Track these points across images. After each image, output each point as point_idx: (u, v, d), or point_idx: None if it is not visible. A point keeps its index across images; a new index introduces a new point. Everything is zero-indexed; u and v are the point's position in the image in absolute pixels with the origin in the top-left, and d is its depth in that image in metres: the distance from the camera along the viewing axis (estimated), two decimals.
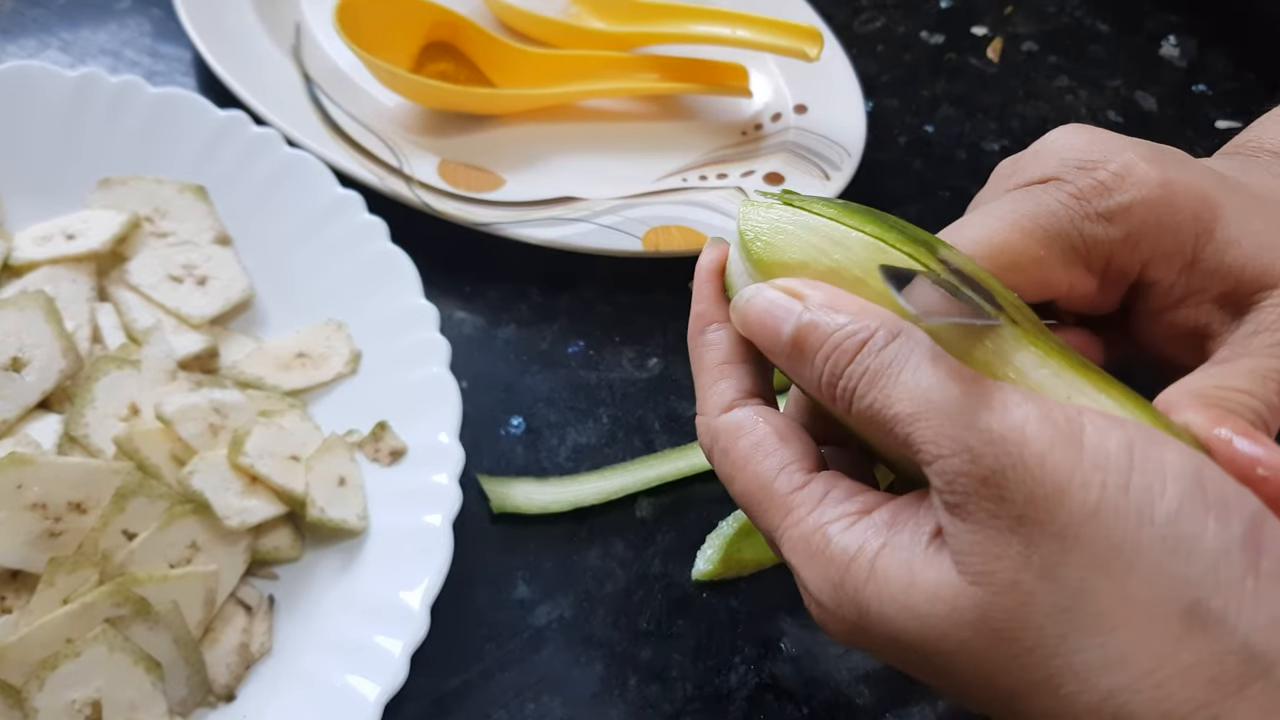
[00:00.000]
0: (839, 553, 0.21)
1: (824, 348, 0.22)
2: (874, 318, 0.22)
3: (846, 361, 0.22)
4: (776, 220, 0.24)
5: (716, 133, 0.51)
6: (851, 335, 0.22)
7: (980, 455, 0.19)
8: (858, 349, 0.21)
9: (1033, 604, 0.19)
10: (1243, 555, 0.19)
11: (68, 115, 0.38)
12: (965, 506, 0.20)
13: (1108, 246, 0.24)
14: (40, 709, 0.27)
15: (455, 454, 0.33)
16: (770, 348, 0.23)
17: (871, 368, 0.21)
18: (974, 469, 0.19)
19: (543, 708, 0.33)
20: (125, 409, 0.32)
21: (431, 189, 0.42)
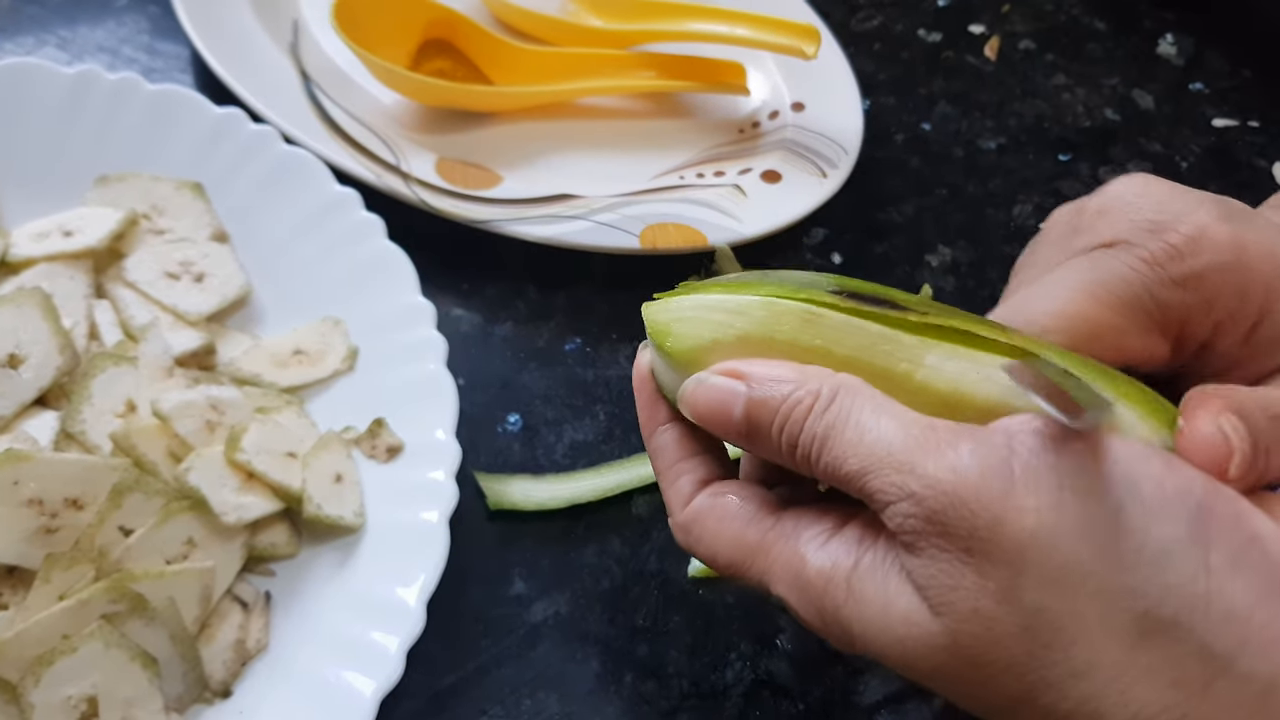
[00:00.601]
0: (816, 575, 0.22)
1: (776, 421, 0.23)
2: (813, 380, 0.23)
3: (798, 430, 0.23)
4: (677, 311, 0.25)
5: (714, 130, 0.51)
6: (797, 403, 0.23)
7: (922, 498, 0.20)
8: (805, 416, 0.22)
9: (996, 627, 0.20)
10: (1189, 555, 0.19)
11: (65, 112, 0.38)
12: (917, 545, 0.21)
13: (1183, 311, 0.24)
14: (36, 705, 0.27)
15: (452, 451, 0.33)
16: (725, 432, 0.24)
17: (819, 432, 0.22)
18: (919, 510, 0.21)
19: (539, 704, 0.33)
20: (122, 406, 0.32)
21: (429, 186, 0.42)
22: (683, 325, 0.24)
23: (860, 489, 0.22)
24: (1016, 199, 0.53)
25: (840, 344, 0.23)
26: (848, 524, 0.23)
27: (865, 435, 0.22)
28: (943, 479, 0.20)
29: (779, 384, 0.23)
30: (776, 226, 0.45)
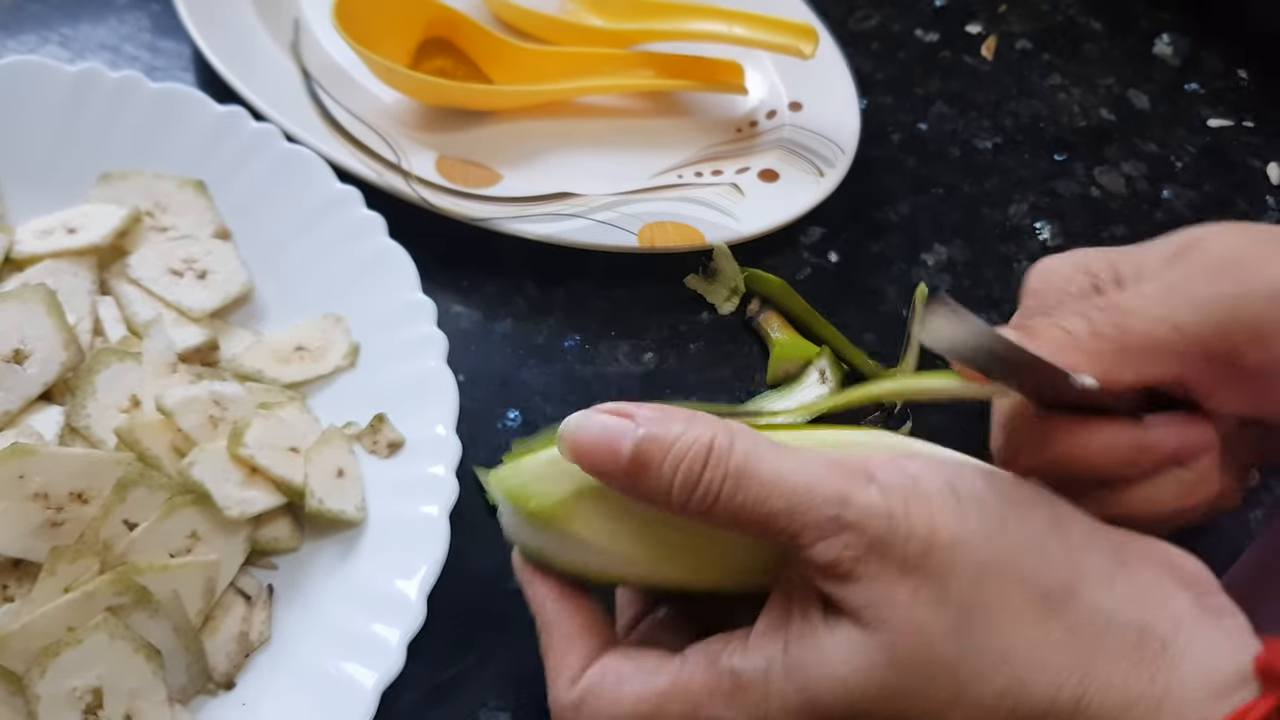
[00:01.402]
0: (752, 679, 0.23)
1: (670, 457, 0.23)
2: (706, 423, 0.24)
3: (700, 467, 0.23)
4: (530, 472, 0.25)
5: (712, 129, 0.52)
6: (694, 441, 0.23)
7: (864, 528, 0.22)
8: (706, 453, 0.23)
9: (930, 631, 0.22)
10: (1055, 537, 0.23)
11: (68, 110, 0.38)
12: (855, 571, 0.22)
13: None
14: (42, 696, 0.27)
15: (452, 446, 0.33)
16: (606, 469, 0.24)
17: (730, 470, 0.23)
18: (860, 539, 0.22)
19: (539, 695, 0.33)
20: (126, 401, 0.33)
21: (429, 184, 0.43)
22: (541, 484, 0.25)
23: (785, 527, 0.23)
24: (1012, 198, 0.53)
25: None
26: (756, 627, 0.24)
27: (784, 474, 0.23)
28: (877, 507, 0.23)
29: (671, 423, 0.24)
30: (774, 225, 0.45)
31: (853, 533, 0.22)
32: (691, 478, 0.23)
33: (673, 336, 0.43)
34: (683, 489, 0.23)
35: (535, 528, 0.26)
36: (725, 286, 0.45)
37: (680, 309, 0.44)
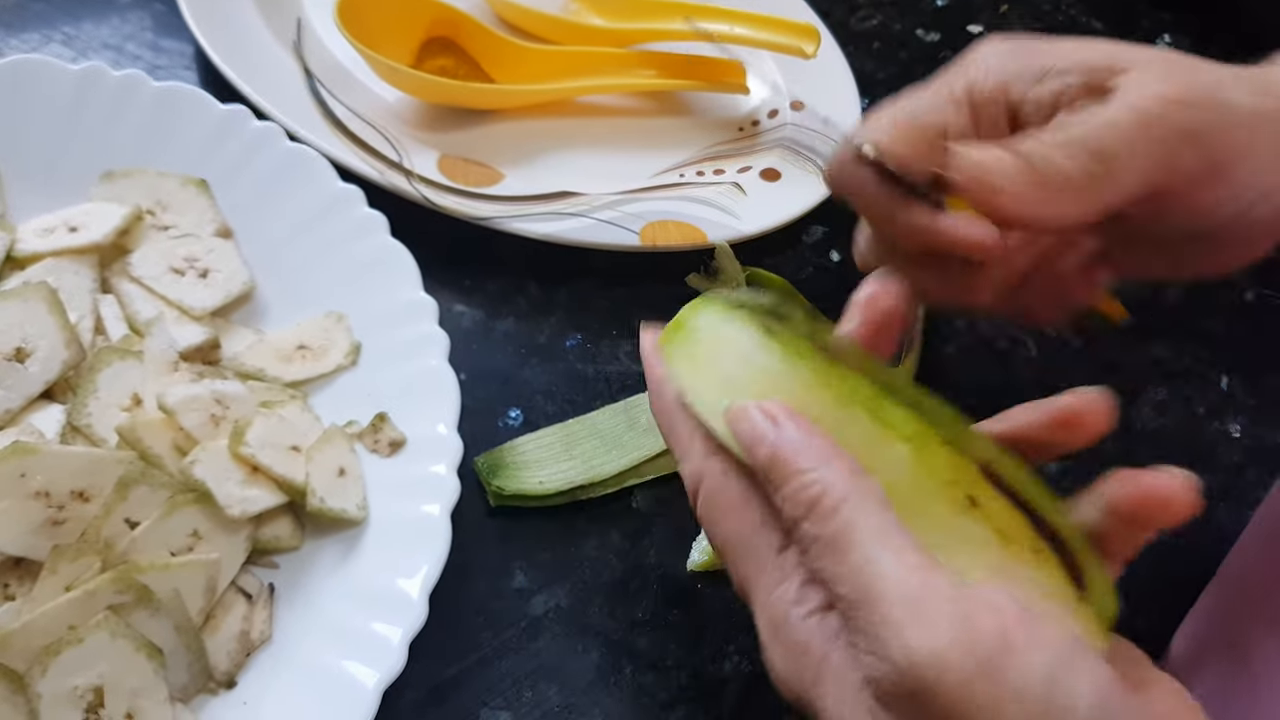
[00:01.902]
0: (795, 641, 0.23)
1: (783, 490, 0.23)
2: (830, 472, 0.22)
3: (801, 515, 0.23)
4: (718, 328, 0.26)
5: (713, 129, 0.52)
6: (805, 489, 0.22)
7: (906, 674, 0.20)
8: (810, 507, 0.22)
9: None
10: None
11: (70, 109, 0.38)
12: (890, 704, 0.21)
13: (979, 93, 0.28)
14: (43, 695, 0.27)
15: (454, 445, 0.33)
16: (746, 459, 0.24)
17: (823, 538, 0.22)
18: (901, 682, 0.20)
19: (539, 695, 0.33)
20: (128, 399, 0.33)
21: (431, 183, 0.43)
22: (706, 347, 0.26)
23: (846, 617, 0.22)
24: None
25: None
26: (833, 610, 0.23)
27: (865, 568, 0.21)
28: (928, 665, 0.20)
29: (798, 456, 0.23)
30: (775, 224, 0.45)
31: (896, 673, 0.20)
32: (793, 518, 0.23)
33: None
34: (788, 520, 0.23)
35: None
36: (727, 285, 0.45)
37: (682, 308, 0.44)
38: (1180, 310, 0.50)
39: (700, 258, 0.45)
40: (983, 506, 0.23)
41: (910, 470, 0.23)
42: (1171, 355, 0.48)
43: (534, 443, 0.38)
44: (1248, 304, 0.52)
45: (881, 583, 0.21)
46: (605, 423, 0.39)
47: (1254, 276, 0.52)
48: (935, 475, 0.23)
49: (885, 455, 0.23)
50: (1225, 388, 0.47)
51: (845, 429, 0.23)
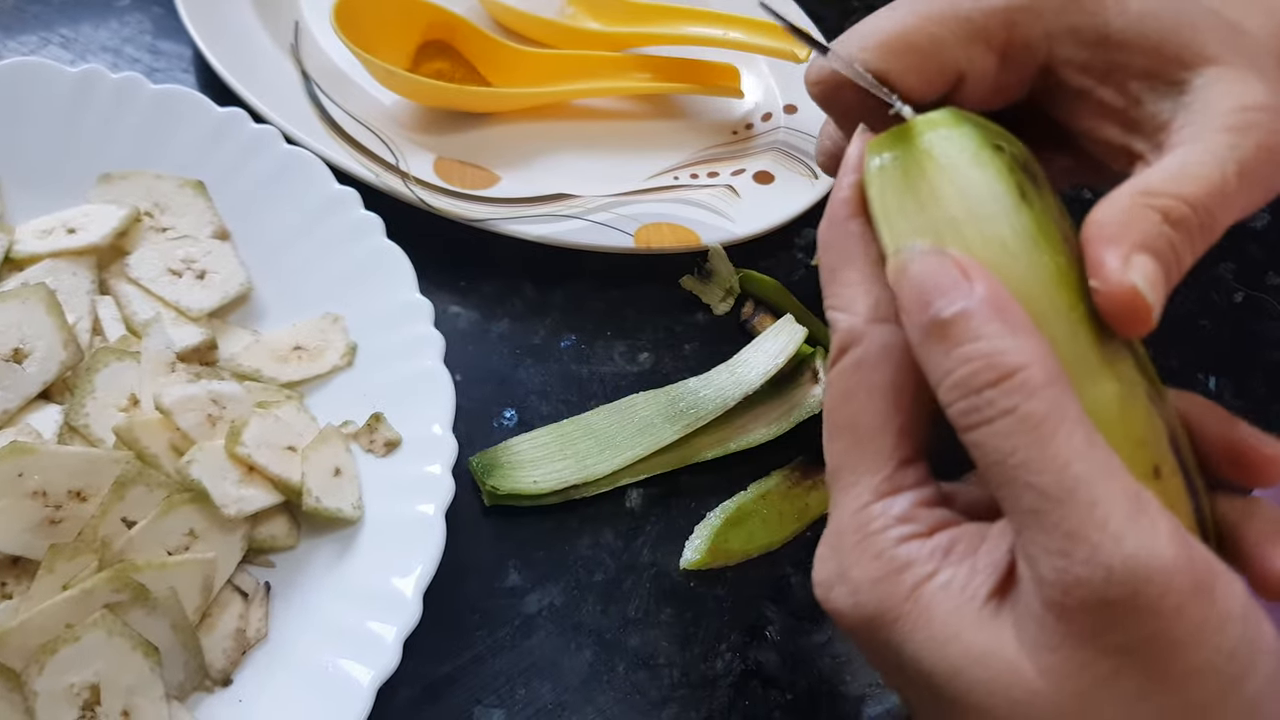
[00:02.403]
0: (891, 557, 0.21)
1: (967, 348, 0.20)
2: (1036, 354, 0.20)
3: (988, 380, 0.19)
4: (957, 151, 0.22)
5: (708, 132, 0.52)
6: (1003, 354, 0.19)
7: (1117, 579, 0.18)
8: (1004, 375, 0.19)
9: (1091, 714, 0.19)
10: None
11: (69, 111, 0.38)
12: (1073, 612, 0.19)
13: (1005, 15, 0.23)
14: (40, 692, 0.27)
15: (449, 445, 0.34)
16: (911, 310, 0.21)
17: (1022, 411, 0.19)
18: (1105, 589, 0.18)
19: (533, 693, 0.33)
20: (125, 399, 0.33)
21: (427, 186, 0.43)
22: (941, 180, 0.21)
23: (1031, 509, 0.19)
24: None
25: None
26: (937, 533, 0.21)
27: (1075, 459, 0.19)
28: (1153, 573, 0.18)
29: (1002, 319, 0.20)
30: (768, 227, 0.46)
31: (1104, 574, 0.18)
32: (972, 385, 0.20)
33: (668, 337, 0.44)
34: (954, 388, 0.20)
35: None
36: (720, 287, 0.45)
37: (676, 309, 0.45)
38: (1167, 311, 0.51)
39: (694, 259, 0.45)
40: (1164, 480, 0.21)
41: (1113, 415, 0.21)
42: (1159, 356, 0.48)
43: (528, 443, 0.38)
44: (1235, 305, 0.52)
45: (1095, 483, 0.19)
46: (599, 423, 0.39)
47: (1242, 277, 0.52)
48: (1132, 431, 0.21)
49: (1092, 391, 0.20)
50: (1213, 388, 0.48)
51: (1063, 344, 0.20)
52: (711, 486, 0.39)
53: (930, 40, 0.24)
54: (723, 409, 0.39)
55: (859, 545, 0.21)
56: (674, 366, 0.43)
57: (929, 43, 0.24)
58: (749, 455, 0.40)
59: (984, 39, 0.24)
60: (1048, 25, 0.24)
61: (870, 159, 0.23)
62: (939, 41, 0.24)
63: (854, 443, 0.22)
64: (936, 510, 0.22)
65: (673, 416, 0.39)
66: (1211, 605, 0.19)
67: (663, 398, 0.40)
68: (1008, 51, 0.24)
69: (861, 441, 0.22)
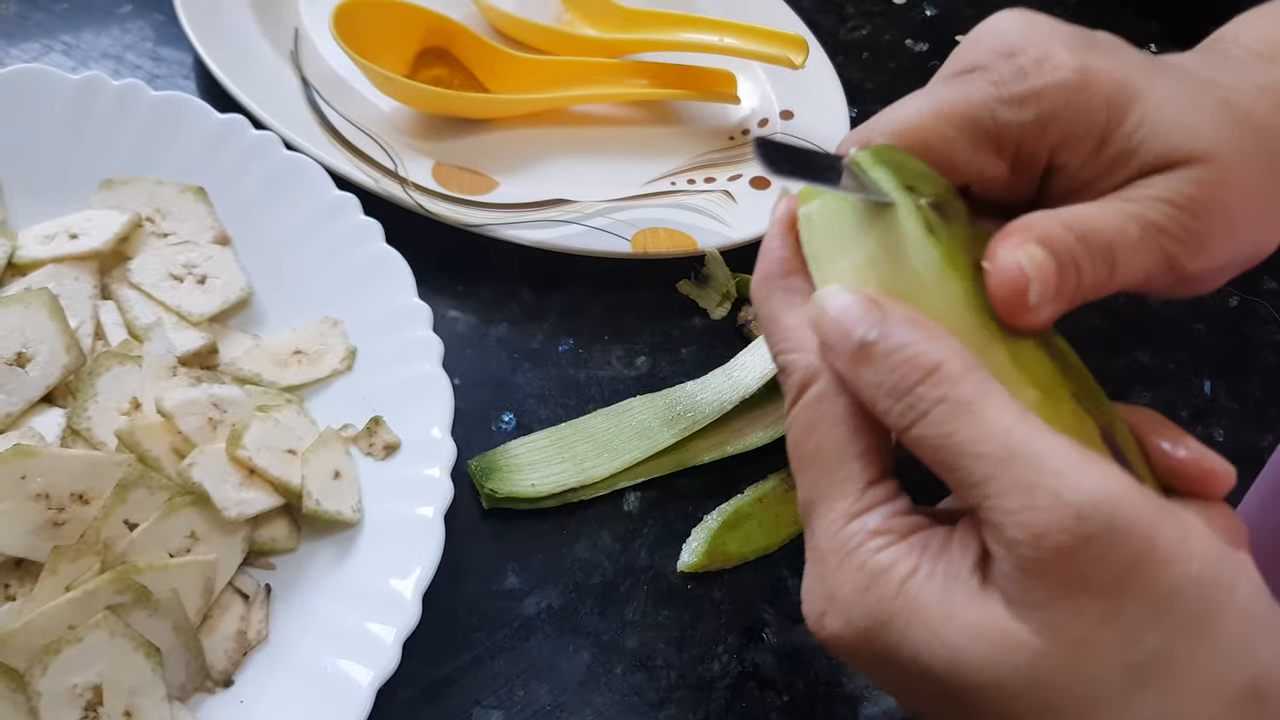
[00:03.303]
0: (873, 565, 0.21)
1: (892, 359, 0.21)
2: (950, 350, 0.21)
3: (916, 380, 0.21)
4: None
5: (704, 138, 0.52)
6: (925, 355, 0.21)
7: (1087, 515, 0.19)
8: (929, 370, 0.21)
9: (1099, 657, 0.19)
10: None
11: (71, 118, 0.39)
12: (1050, 564, 0.19)
13: (1017, 130, 0.25)
14: (43, 693, 0.28)
15: (447, 448, 0.34)
16: (835, 344, 0.22)
17: (950, 397, 0.20)
18: (1078, 526, 0.19)
19: (531, 695, 0.33)
20: (127, 403, 0.33)
21: (426, 191, 0.43)
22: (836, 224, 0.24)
23: (984, 480, 0.20)
24: None
25: None
26: (913, 534, 0.22)
27: (1011, 424, 0.20)
28: (1119, 504, 0.19)
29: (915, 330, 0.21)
30: (765, 231, 0.46)
31: (1072, 513, 0.19)
32: (902, 386, 0.21)
33: (665, 341, 0.44)
34: (887, 396, 0.21)
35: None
36: (717, 292, 0.45)
37: (673, 314, 0.45)
38: (1164, 315, 0.51)
39: (691, 264, 0.45)
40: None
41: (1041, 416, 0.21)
42: (1155, 360, 0.49)
43: (526, 446, 0.38)
44: (1231, 309, 0.52)
45: (1037, 438, 0.20)
46: (597, 426, 0.39)
47: (1237, 282, 0.53)
48: (1058, 429, 0.21)
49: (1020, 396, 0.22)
50: (1208, 392, 0.48)
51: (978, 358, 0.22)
52: (709, 489, 0.39)
53: (944, 142, 0.25)
54: (720, 413, 0.40)
55: (841, 565, 0.22)
56: (671, 370, 0.43)
57: (942, 144, 0.25)
58: (746, 458, 0.40)
59: (994, 148, 0.25)
60: (1053, 140, 0.25)
61: (800, 209, 0.25)
62: (952, 145, 0.25)
63: (823, 472, 0.23)
64: (910, 518, 0.22)
65: (670, 420, 0.39)
66: (1185, 524, 0.20)
67: (660, 401, 0.40)
68: (1017, 162, 0.26)
69: (830, 470, 0.23)
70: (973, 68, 0.26)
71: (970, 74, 0.26)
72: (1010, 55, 0.25)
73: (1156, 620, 0.19)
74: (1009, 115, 0.25)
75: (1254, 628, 0.19)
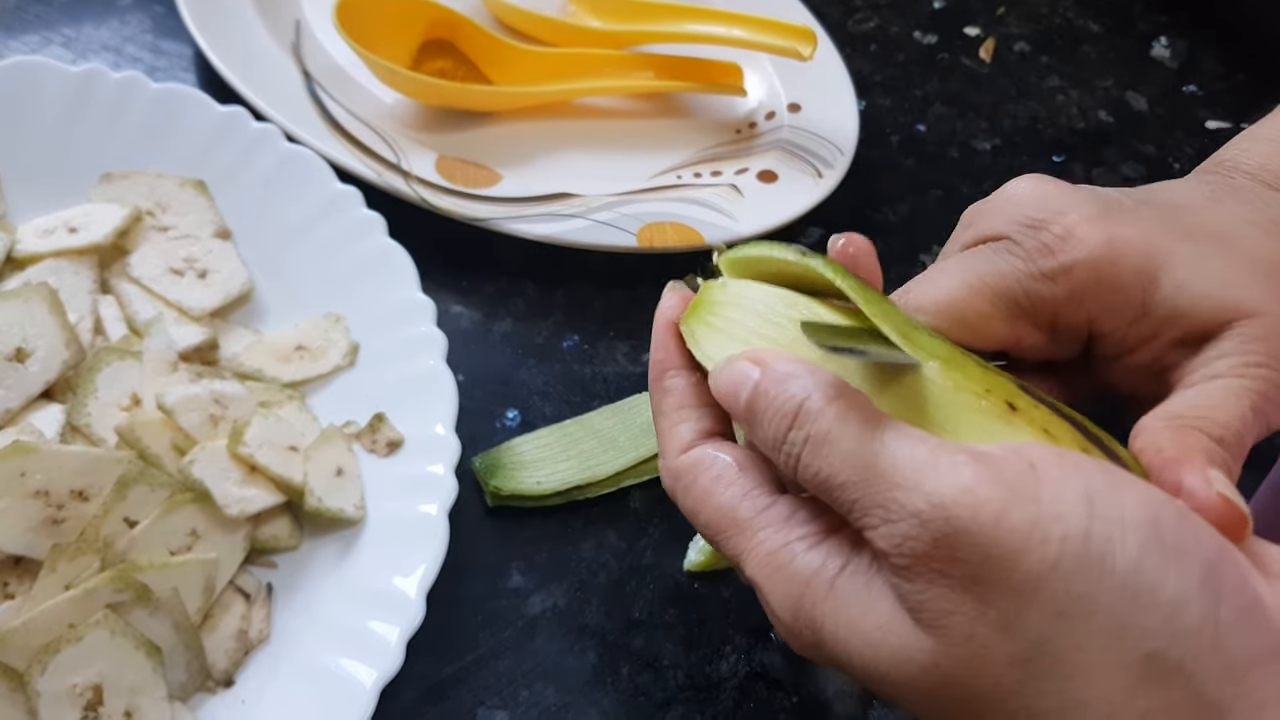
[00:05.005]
0: (801, 569, 0.22)
1: (768, 412, 0.23)
2: (815, 382, 0.22)
3: (787, 426, 0.22)
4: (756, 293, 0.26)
5: (711, 130, 0.52)
6: (790, 399, 0.22)
7: (929, 520, 0.20)
8: (794, 414, 0.22)
9: (989, 654, 0.20)
10: (1200, 603, 0.19)
11: (70, 110, 0.38)
12: (913, 569, 0.20)
13: (1053, 305, 0.26)
14: (43, 692, 0.27)
15: (451, 445, 0.34)
16: (733, 411, 0.24)
17: (812, 435, 0.22)
18: (923, 533, 0.20)
19: (536, 695, 0.33)
20: (127, 399, 0.33)
21: (429, 185, 0.43)
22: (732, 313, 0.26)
23: (851, 504, 0.21)
24: None
25: None
26: (842, 530, 0.23)
27: (865, 445, 0.21)
28: (959, 499, 0.19)
29: (787, 380, 0.22)
30: (772, 226, 0.46)
31: (916, 522, 0.20)
32: (779, 435, 0.22)
33: None
34: (774, 450, 0.22)
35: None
36: None
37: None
38: None
39: (697, 259, 0.45)
40: (1023, 412, 0.22)
41: (943, 382, 0.22)
42: None
43: (531, 443, 0.38)
44: None
45: (888, 451, 0.21)
46: (602, 423, 0.39)
47: None
48: (970, 387, 0.22)
49: (915, 373, 0.23)
50: None
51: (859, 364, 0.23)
52: None
53: (980, 318, 0.26)
54: None
55: (775, 586, 0.23)
56: None
57: (978, 320, 0.26)
58: None
59: (1030, 320, 0.26)
60: (1090, 311, 0.26)
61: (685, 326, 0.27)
62: (988, 319, 0.26)
63: (733, 525, 0.24)
64: (827, 517, 0.23)
65: None
66: (1038, 503, 0.19)
67: None
68: (1056, 331, 0.26)
69: (739, 520, 0.24)
70: (998, 237, 0.26)
71: (996, 244, 0.26)
72: (1034, 228, 0.26)
73: (1026, 612, 0.19)
74: (1042, 290, 0.25)
75: (1135, 604, 0.19)
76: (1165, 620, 0.19)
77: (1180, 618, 0.19)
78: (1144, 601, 0.19)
